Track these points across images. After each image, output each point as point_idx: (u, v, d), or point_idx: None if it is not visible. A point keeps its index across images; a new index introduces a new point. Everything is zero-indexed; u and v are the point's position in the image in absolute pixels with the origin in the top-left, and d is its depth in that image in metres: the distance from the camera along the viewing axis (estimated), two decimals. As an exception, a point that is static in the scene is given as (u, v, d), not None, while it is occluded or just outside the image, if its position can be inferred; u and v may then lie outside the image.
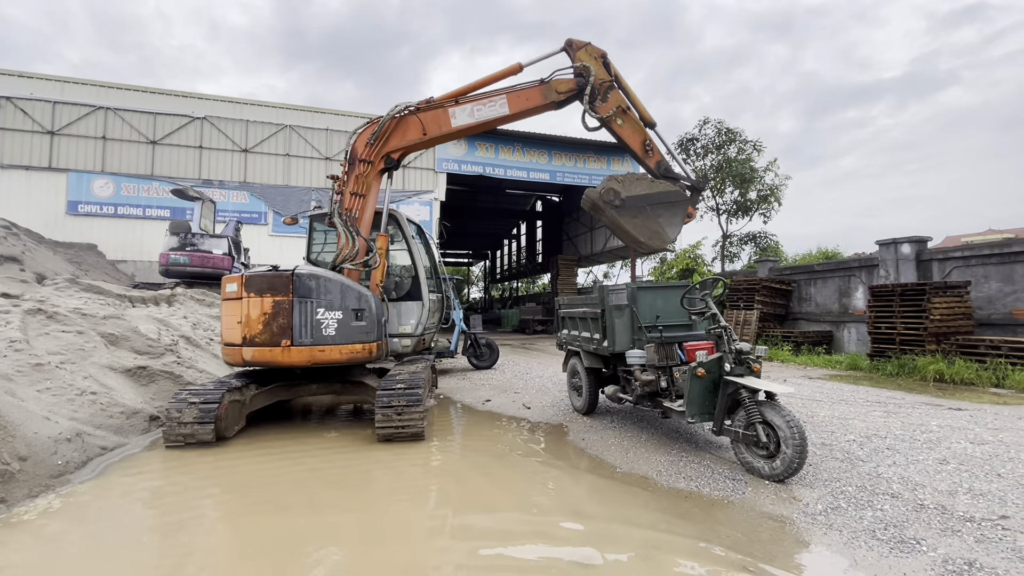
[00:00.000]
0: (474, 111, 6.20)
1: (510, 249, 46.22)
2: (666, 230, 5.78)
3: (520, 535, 2.99)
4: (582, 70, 5.96)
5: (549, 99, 6.07)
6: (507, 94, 6.19)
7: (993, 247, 9.30)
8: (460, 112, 6.23)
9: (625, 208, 5.58)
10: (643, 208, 5.65)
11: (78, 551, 2.75)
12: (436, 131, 6.24)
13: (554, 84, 6.06)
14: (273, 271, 5.07)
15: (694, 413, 4.20)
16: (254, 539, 2.94)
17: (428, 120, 6.19)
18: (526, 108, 6.15)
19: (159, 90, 17.02)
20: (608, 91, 5.99)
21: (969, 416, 5.58)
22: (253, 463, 4.35)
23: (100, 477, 3.88)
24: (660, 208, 5.74)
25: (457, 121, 6.23)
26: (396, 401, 4.87)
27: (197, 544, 2.85)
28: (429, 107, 6.24)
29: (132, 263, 16.14)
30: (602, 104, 5.95)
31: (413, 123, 6.22)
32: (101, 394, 5.15)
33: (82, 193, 16.10)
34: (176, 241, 11.15)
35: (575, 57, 6.16)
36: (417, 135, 6.24)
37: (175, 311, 8.73)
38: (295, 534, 2.94)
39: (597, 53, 6.12)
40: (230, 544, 2.93)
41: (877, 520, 3.01)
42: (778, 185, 20.07)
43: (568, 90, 6.05)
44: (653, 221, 5.72)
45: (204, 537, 2.97)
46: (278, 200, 17.85)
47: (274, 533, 2.97)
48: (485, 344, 10.74)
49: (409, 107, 6.20)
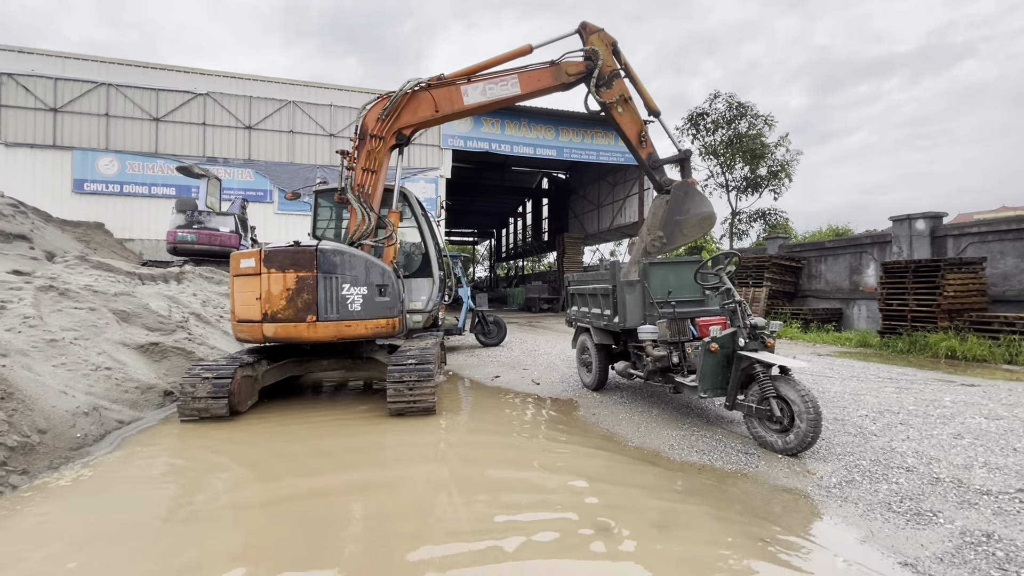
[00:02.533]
0: (486, 90, 6.21)
1: (515, 227, 45.97)
2: (702, 210, 6.13)
3: (533, 505, 3.01)
4: (591, 53, 6.13)
5: (559, 80, 6.19)
6: (519, 74, 6.24)
7: (1011, 222, 9.11)
8: (472, 90, 6.21)
9: (670, 238, 5.97)
10: (678, 221, 6.02)
11: (108, 521, 2.80)
12: (448, 108, 6.19)
13: (564, 66, 6.18)
14: (295, 246, 5.04)
15: (707, 388, 4.18)
16: (275, 512, 2.98)
17: (440, 97, 6.12)
18: (537, 89, 6.23)
19: (161, 66, 16.76)
20: (613, 79, 6.18)
21: (983, 392, 5.54)
22: (267, 437, 4.40)
23: (119, 450, 3.94)
24: (684, 207, 6.05)
25: (469, 99, 6.20)
26: (407, 376, 4.89)
27: (223, 515, 2.89)
28: (441, 84, 6.17)
29: (140, 241, 16.18)
30: (606, 90, 6.15)
31: (425, 99, 6.14)
32: (116, 369, 5.21)
33: (87, 171, 16.05)
34: (183, 219, 11.13)
35: (587, 40, 6.31)
36: (429, 112, 6.16)
37: (184, 288, 8.76)
38: (313, 507, 2.98)
39: (609, 40, 6.25)
40: (254, 515, 2.97)
41: (892, 493, 3.01)
42: (789, 161, 19.71)
43: (577, 72, 6.19)
44: (691, 219, 6.08)
45: (231, 507, 3.02)
46: (283, 178, 17.73)
47: (294, 508, 3.01)
48: (493, 322, 10.76)
49: (421, 83, 6.11)
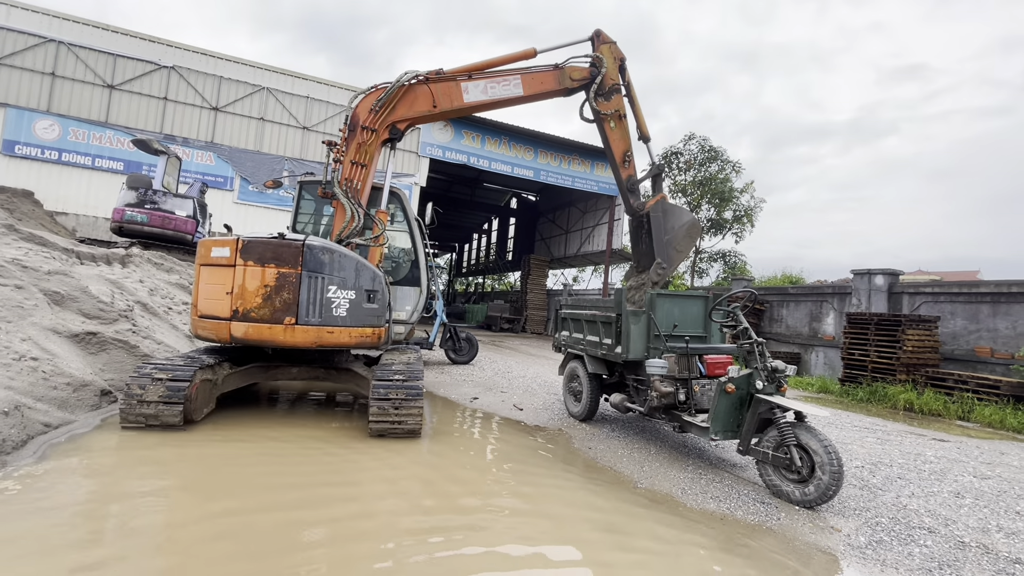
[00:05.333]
0: (488, 88, 5.96)
1: (479, 244, 45.68)
2: (684, 220, 6.10)
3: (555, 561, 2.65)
4: (596, 61, 6.01)
5: (563, 85, 6.05)
6: (522, 75, 6.05)
7: (962, 286, 9.76)
8: (473, 87, 5.95)
9: (668, 260, 5.89)
10: (668, 241, 5.95)
11: (14, 551, 2.19)
12: (447, 104, 5.89)
13: (568, 71, 6.04)
14: (279, 239, 4.49)
15: (718, 430, 4.00)
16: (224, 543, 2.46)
17: (439, 92, 5.81)
18: (539, 91, 6.05)
19: (123, 30, 15.44)
20: (613, 92, 6.11)
21: (956, 448, 5.70)
22: (224, 452, 3.80)
23: (44, 460, 3.25)
24: (668, 225, 6.02)
25: (469, 96, 5.94)
26: (394, 394, 4.43)
27: (156, 544, 2.35)
28: (440, 79, 5.88)
29: (74, 216, 14.60)
30: (604, 102, 6.06)
31: (423, 93, 5.81)
32: (43, 360, 4.42)
33: (21, 133, 14.39)
34: (134, 196, 10.03)
35: (597, 49, 6.18)
36: (427, 106, 5.84)
37: (130, 273, 7.82)
38: (268, 540, 2.49)
39: (619, 55, 6.21)
40: (198, 549, 2.44)
41: (927, 558, 2.88)
42: (752, 207, 20.64)
43: (581, 78, 6.06)
44: (678, 233, 6.03)
45: (164, 536, 2.46)
46: (247, 166, 16.64)
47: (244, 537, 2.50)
48: (465, 338, 10.31)
49: (419, 76, 5.78)
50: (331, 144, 5.80)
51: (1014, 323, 8.91)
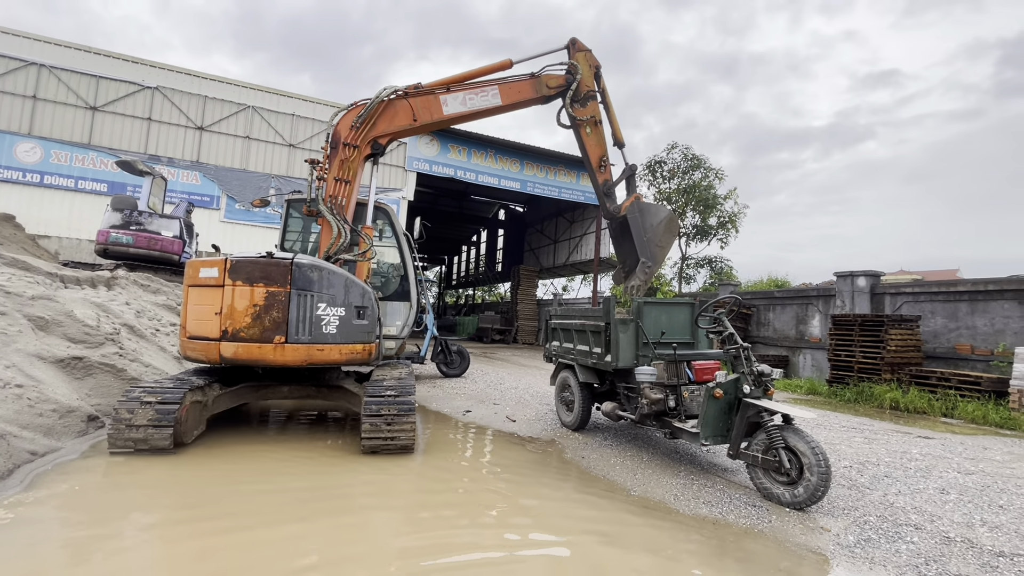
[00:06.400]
0: (466, 100, 6.06)
1: (468, 256, 45.75)
2: (661, 216, 6.10)
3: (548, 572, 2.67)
4: (572, 68, 6.14)
5: (540, 93, 6.18)
6: (499, 85, 6.15)
7: (941, 285, 10.00)
8: (452, 100, 6.03)
9: (652, 258, 5.91)
10: (649, 239, 5.95)
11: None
12: (427, 118, 5.97)
13: (544, 79, 6.18)
14: (268, 258, 4.50)
15: (708, 435, 4.06)
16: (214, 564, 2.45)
17: (419, 106, 5.89)
18: (517, 100, 6.17)
19: (105, 52, 15.42)
20: (589, 98, 6.24)
21: (941, 445, 5.82)
22: (215, 475, 3.77)
23: (30, 489, 3.20)
24: (646, 223, 6.02)
25: (448, 109, 6.02)
26: (386, 410, 4.43)
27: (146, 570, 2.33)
28: (419, 92, 5.96)
29: (56, 239, 14.42)
30: (580, 108, 6.19)
31: (403, 107, 5.89)
32: (28, 387, 4.36)
33: (2, 156, 14.22)
34: (119, 218, 9.94)
35: (573, 57, 6.30)
36: (407, 120, 5.91)
37: (116, 296, 7.73)
38: (260, 562, 2.49)
39: (594, 63, 6.33)
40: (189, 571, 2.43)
41: (914, 554, 2.95)
42: (736, 213, 20.98)
43: (558, 85, 6.18)
44: (657, 229, 6.03)
45: (154, 562, 2.45)
46: (233, 184, 16.59)
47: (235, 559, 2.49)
48: (456, 351, 10.30)
49: (398, 91, 5.86)
50: (314, 162, 5.83)
51: (992, 320, 9.14)
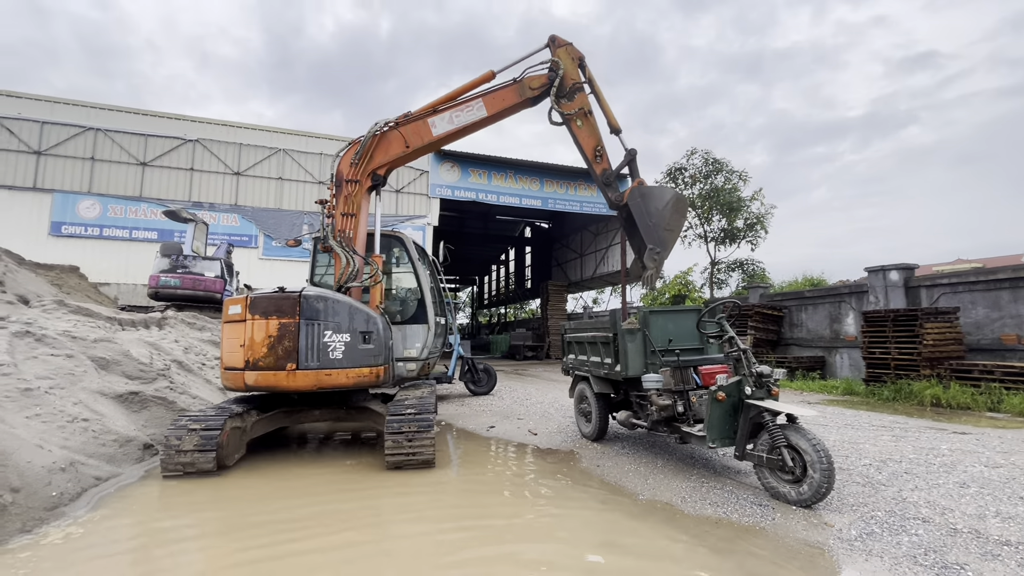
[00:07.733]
0: (453, 117, 6.21)
1: (498, 275, 46.30)
2: (666, 198, 5.73)
3: (552, 568, 2.86)
4: (553, 65, 6.07)
5: (524, 96, 6.13)
6: (482, 96, 6.22)
7: (979, 274, 9.60)
8: (440, 120, 6.22)
9: (661, 243, 5.58)
10: (655, 224, 5.62)
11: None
12: (418, 142, 6.22)
13: (527, 81, 6.13)
14: (279, 292, 4.95)
15: (715, 438, 4.15)
16: (273, 575, 2.76)
17: (409, 133, 6.18)
18: (503, 108, 6.20)
19: (151, 112, 16.93)
20: (575, 91, 6.08)
21: (975, 440, 5.63)
22: (256, 494, 4.14)
23: (96, 509, 3.65)
24: (650, 208, 5.67)
25: (437, 130, 6.22)
26: (407, 427, 4.73)
27: None
28: (408, 120, 6.23)
29: (115, 286, 15.70)
30: (567, 102, 6.04)
31: (395, 137, 6.20)
32: (93, 421, 4.91)
33: (67, 214, 15.74)
34: (167, 263, 10.89)
35: (554, 53, 6.19)
36: (400, 148, 6.21)
37: (166, 335, 8.45)
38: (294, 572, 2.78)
39: (576, 55, 6.15)
40: (247, 580, 2.74)
41: (915, 545, 2.97)
42: (764, 214, 20.60)
43: (541, 85, 6.10)
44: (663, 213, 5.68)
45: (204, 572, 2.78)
46: (269, 223, 17.68)
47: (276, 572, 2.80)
48: (483, 369, 10.60)
49: (389, 123, 6.20)
50: (323, 202, 6.27)
51: (1037, 307, 8.70)
